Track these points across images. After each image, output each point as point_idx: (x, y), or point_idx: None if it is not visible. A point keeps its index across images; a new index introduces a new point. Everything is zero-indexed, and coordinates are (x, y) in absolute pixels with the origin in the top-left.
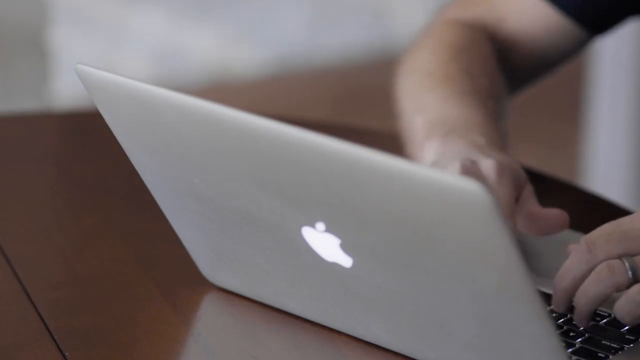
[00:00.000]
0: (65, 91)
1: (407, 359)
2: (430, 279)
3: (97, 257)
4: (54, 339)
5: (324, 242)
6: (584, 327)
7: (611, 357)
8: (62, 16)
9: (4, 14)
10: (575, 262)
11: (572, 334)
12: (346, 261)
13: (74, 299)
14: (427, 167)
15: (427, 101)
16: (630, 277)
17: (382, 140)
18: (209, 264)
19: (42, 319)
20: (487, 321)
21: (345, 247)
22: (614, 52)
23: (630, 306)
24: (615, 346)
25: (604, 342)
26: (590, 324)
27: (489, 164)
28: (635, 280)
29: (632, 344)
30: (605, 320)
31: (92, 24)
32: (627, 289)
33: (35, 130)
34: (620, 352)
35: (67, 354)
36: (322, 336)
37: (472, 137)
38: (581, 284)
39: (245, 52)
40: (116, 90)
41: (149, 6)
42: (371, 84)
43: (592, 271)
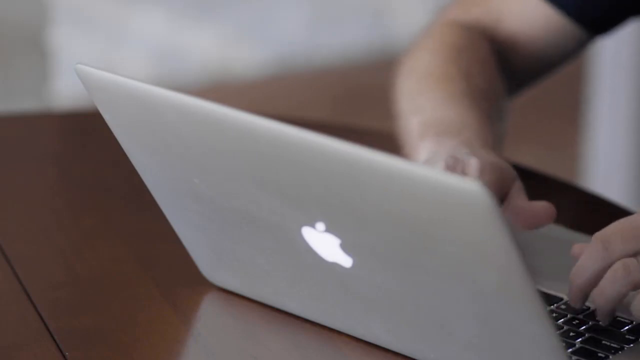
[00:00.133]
0: (65, 91)
1: (407, 359)
2: (430, 279)
3: (97, 257)
4: (54, 339)
5: (324, 242)
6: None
7: (611, 357)
8: (62, 16)
9: (4, 14)
10: (590, 260)
11: (572, 334)
12: (346, 261)
13: (74, 299)
14: (427, 167)
15: (423, 102)
16: None
17: (382, 140)
18: (209, 264)
19: (42, 319)
20: (487, 321)
21: (345, 247)
22: (614, 52)
23: None
24: (615, 346)
25: (604, 342)
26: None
27: (473, 162)
28: None
29: (632, 344)
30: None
31: (92, 24)
32: None
33: (35, 130)
34: (620, 352)
35: (67, 354)
36: (322, 336)
37: (465, 137)
38: (597, 281)
39: (245, 52)
40: (116, 90)
41: (149, 6)
42: (371, 84)
43: (608, 270)
